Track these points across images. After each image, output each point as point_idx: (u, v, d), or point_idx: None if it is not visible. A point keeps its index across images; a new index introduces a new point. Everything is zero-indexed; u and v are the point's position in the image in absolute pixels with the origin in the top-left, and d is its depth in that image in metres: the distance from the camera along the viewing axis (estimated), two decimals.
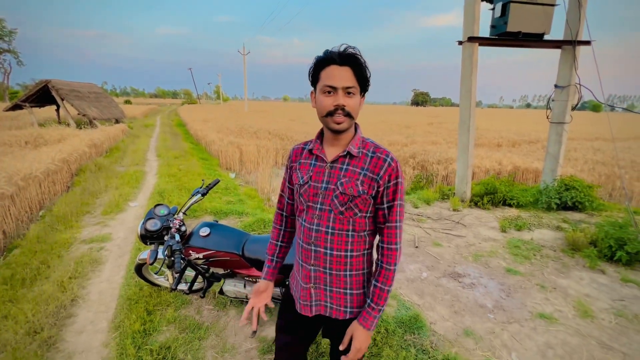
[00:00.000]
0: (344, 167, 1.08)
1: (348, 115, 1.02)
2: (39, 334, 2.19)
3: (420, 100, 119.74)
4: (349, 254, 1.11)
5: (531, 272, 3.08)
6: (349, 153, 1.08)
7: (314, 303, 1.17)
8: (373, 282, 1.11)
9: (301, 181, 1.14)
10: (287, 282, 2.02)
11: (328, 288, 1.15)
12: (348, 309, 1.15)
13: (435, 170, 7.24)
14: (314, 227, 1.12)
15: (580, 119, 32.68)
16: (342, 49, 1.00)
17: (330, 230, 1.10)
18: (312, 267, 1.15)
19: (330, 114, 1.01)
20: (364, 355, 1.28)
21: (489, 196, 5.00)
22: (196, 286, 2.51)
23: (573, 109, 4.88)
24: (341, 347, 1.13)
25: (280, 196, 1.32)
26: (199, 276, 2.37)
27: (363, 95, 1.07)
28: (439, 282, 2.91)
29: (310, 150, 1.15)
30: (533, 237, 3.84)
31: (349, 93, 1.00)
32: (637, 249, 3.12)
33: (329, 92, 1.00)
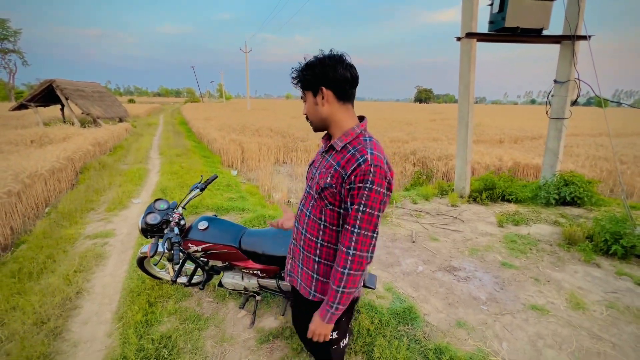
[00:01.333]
0: (328, 158, 1.15)
1: (307, 118, 1.18)
2: (45, 324, 2.28)
3: (423, 97, 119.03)
4: (319, 241, 1.17)
5: (526, 265, 3.12)
6: (332, 146, 1.15)
7: (290, 273, 1.33)
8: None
9: (310, 162, 1.31)
10: (282, 274, 2.09)
11: (300, 265, 1.27)
12: (312, 291, 1.23)
13: (435, 167, 7.26)
14: (300, 206, 1.26)
15: (585, 115, 32.33)
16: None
17: (307, 214, 1.20)
18: (293, 241, 1.30)
19: None
20: (343, 349, 1.34)
21: (488, 192, 5.02)
22: (196, 279, 2.58)
23: (572, 104, 4.88)
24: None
25: None
26: (199, 269, 2.44)
27: (317, 92, 1.10)
28: (434, 275, 2.96)
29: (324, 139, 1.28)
30: (530, 232, 3.87)
31: (304, 102, 1.17)
32: (633, 243, 3.14)
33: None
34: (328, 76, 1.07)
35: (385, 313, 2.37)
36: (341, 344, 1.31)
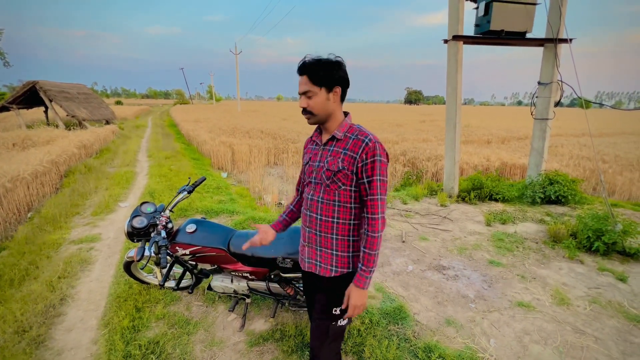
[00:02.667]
0: (331, 148, 1.32)
1: (310, 113, 1.28)
2: (27, 332, 2.21)
3: (413, 98, 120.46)
4: (335, 220, 1.34)
5: (513, 263, 3.19)
6: (334, 137, 1.31)
7: (306, 259, 1.44)
8: (362, 248, 1.29)
9: (305, 162, 1.45)
10: (272, 275, 2.08)
11: (318, 247, 1.39)
12: (333, 268, 1.37)
13: (425, 167, 7.34)
14: (309, 197, 1.39)
15: (569, 116, 33.27)
16: (304, 60, 1.24)
17: (320, 199, 1.35)
18: (307, 229, 1.42)
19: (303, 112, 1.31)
20: (344, 328, 1.45)
21: (476, 191, 5.11)
22: (185, 283, 2.55)
23: (556, 105, 5.02)
24: (343, 306, 1.33)
25: (299, 177, 1.58)
26: (187, 273, 2.41)
27: (332, 90, 1.25)
28: (424, 274, 2.99)
29: (311, 138, 1.45)
30: (517, 230, 3.95)
31: (308, 97, 1.25)
32: (614, 240, 3.25)
33: (301, 96, 1.28)
34: (343, 78, 1.26)
35: (375, 313, 2.38)
36: (339, 322, 1.42)
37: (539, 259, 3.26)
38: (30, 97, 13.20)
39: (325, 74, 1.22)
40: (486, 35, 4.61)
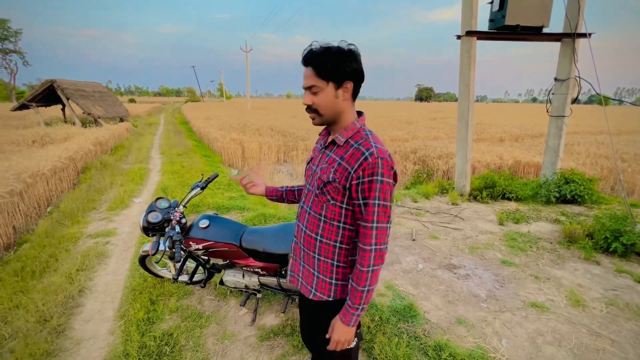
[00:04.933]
0: (330, 153, 1.13)
1: (315, 111, 1.08)
2: (48, 322, 2.30)
3: (424, 95, 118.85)
4: (318, 237, 1.16)
5: (526, 263, 3.13)
6: (334, 141, 1.12)
7: (291, 273, 1.32)
8: (350, 280, 1.10)
9: (308, 159, 1.28)
10: (282, 271, 2.10)
11: (302, 263, 1.25)
12: (313, 290, 1.20)
13: (436, 165, 7.26)
14: (301, 204, 1.26)
15: (586, 113, 32.26)
16: (310, 47, 1.04)
17: (308, 210, 1.19)
18: (295, 239, 1.29)
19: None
20: (350, 351, 1.25)
21: (488, 190, 5.03)
22: (197, 277, 2.60)
23: (573, 102, 4.88)
24: (327, 336, 1.16)
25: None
26: (200, 267, 2.46)
27: (342, 86, 1.04)
28: (434, 273, 2.97)
29: (321, 134, 1.27)
30: (530, 230, 3.87)
31: (314, 93, 1.05)
32: (633, 241, 3.15)
33: (305, 91, 1.09)
34: (355, 71, 1.04)
35: (385, 311, 2.38)
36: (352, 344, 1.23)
37: (553, 259, 3.19)
38: (49, 95, 13.60)
39: (335, 65, 1.01)
40: (501, 30, 4.51)
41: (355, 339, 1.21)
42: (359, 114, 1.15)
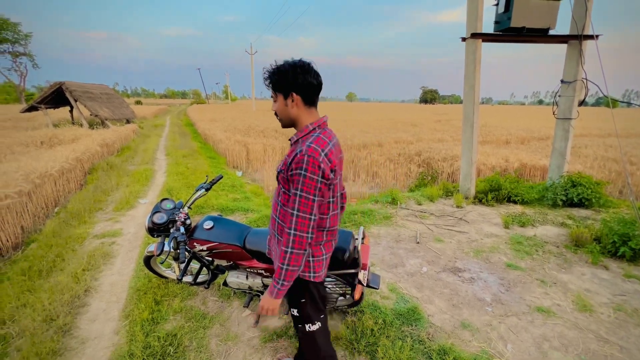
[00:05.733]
0: (290, 150, 1.32)
1: (277, 116, 1.33)
2: (54, 321, 2.33)
3: (429, 97, 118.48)
4: (277, 219, 1.38)
5: (532, 267, 3.09)
6: (290, 140, 1.35)
7: (269, 248, 1.56)
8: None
9: None
10: None
11: (274, 244, 1.45)
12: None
13: (440, 168, 7.22)
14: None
15: (593, 115, 31.87)
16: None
17: (275, 197, 1.41)
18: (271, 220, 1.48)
19: None
20: (313, 333, 1.46)
21: (494, 193, 4.98)
22: (201, 278, 2.61)
23: (580, 104, 4.83)
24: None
25: None
26: (204, 268, 2.47)
27: (288, 96, 1.25)
28: (438, 276, 2.95)
29: None
30: (536, 233, 3.83)
31: (274, 101, 1.31)
32: None
33: None
34: (298, 83, 1.21)
35: (389, 313, 2.37)
36: (307, 327, 1.44)
37: (560, 264, 3.15)
38: (57, 97, 13.81)
39: (280, 80, 1.22)
40: (506, 32, 4.48)
41: (318, 323, 1.44)
42: (323, 118, 1.34)
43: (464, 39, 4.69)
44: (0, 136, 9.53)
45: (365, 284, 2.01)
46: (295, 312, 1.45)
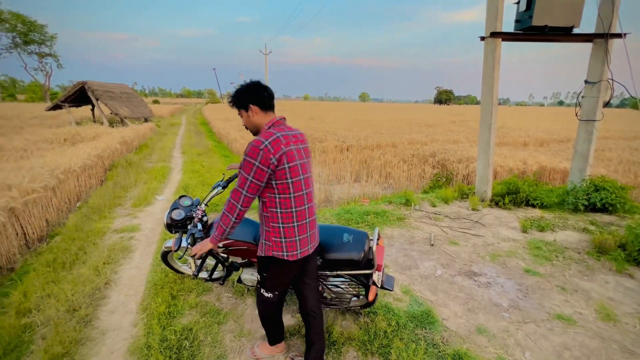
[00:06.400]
0: None
1: (246, 128, 1.65)
2: (77, 311, 2.42)
3: (443, 98, 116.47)
4: (259, 207, 1.66)
5: (552, 273, 3.00)
6: None
7: None
8: None
9: None
10: None
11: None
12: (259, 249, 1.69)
13: (455, 169, 7.08)
14: None
15: (618, 117, 30.55)
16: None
17: None
18: None
19: None
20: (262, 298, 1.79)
21: (511, 196, 4.86)
22: (216, 274, 2.65)
23: (605, 105, 4.64)
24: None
25: None
26: (219, 265, 2.51)
27: (249, 108, 1.56)
28: (453, 280, 2.89)
29: None
30: (556, 239, 3.71)
31: (241, 117, 1.63)
32: None
33: None
34: (252, 96, 1.55)
35: (402, 316, 2.35)
36: (262, 291, 1.75)
37: (581, 271, 3.04)
38: (80, 96, 14.34)
39: (239, 99, 1.57)
40: (527, 31, 4.36)
41: (271, 294, 1.74)
42: (281, 118, 1.61)
43: (482, 38, 4.59)
44: (27, 133, 9.98)
45: (379, 285, 2.00)
46: (259, 277, 1.78)
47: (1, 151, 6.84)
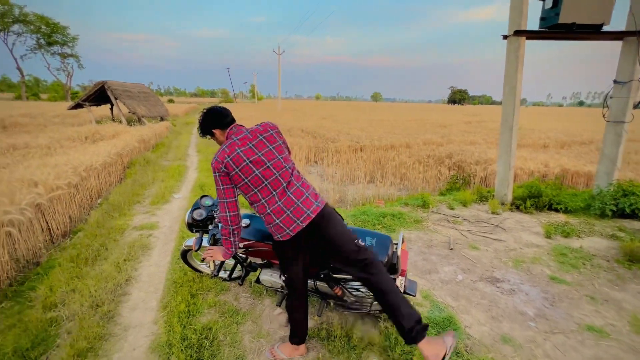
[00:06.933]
0: None
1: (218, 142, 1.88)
2: (100, 307, 2.47)
3: (457, 98, 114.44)
4: None
5: (579, 282, 2.87)
6: None
7: None
8: None
9: None
10: (321, 275, 2.08)
11: None
12: None
13: (473, 171, 6.92)
14: None
15: None
16: None
17: None
18: None
19: None
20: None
21: (533, 200, 4.70)
22: (235, 274, 2.66)
23: (635, 106, 4.44)
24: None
25: None
26: (238, 265, 2.51)
27: (213, 134, 1.83)
28: (475, 285, 2.81)
29: None
30: (582, 245, 3.56)
31: (212, 138, 1.88)
32: None
33: None
34: (214, 123, 1.79)
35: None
36: (281, 275, 1.96)
37: (611, 280, 2.90)
38: (100, 95, 14.76)
39: (204, 129, 1.83)
40: (553, 29, 4.20)
41: (285, 276, 1.90)
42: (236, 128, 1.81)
43: (505, 37, 4.45)
44: (51, 131, 10.33)
45: (402, 291, 1.95)
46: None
47: (27, 148, 7.11)
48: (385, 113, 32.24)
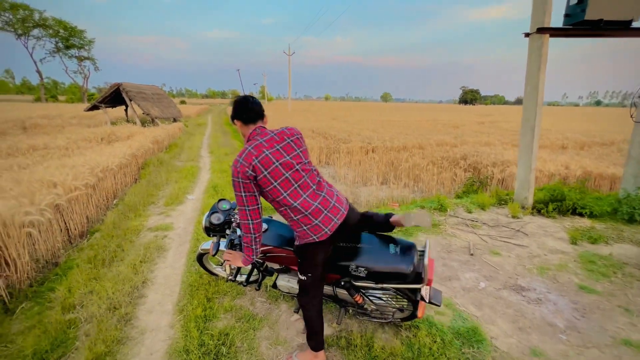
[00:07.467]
0: None
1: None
2: (117, 310, 2.46)
3: (469, 98, 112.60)
4: None
5: (611, 291, 2.72)
6: None
7: None
8: None
9: None
10: (341, 282, 2.02)
11: None
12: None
13: (490, 173, 6.73)
14: None
15: None
16: None
17: None
18: None
19: None
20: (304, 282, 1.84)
21: (555, 203, 4.51)
22: (252, 278, 2.62)
23: None
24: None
25: None
26: (254, 269, 2.47)
27: (234, 122, 1.76)
28: (499, 294, 2.70)
29: None
30: (612, 252, 3.38)
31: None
32: None
33: None
34: (236, 113, 1.73)
35: (446, 331, 2.20)
36: (299, 275, 1.82)
37: None
38: (115, 97, 15.05)
39: (231, 114, 1.75)
40: (579, 26, 4.03)
41: (304, 277, 1.80)
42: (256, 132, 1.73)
43: (527, 35, 4.30)
44: (68, 132, 10.57)
45: (427, 301, 1.87)
46: (297, 267, 1.88)
47: (46, 149, 7.28)
48: (396, 113, 31.95)
